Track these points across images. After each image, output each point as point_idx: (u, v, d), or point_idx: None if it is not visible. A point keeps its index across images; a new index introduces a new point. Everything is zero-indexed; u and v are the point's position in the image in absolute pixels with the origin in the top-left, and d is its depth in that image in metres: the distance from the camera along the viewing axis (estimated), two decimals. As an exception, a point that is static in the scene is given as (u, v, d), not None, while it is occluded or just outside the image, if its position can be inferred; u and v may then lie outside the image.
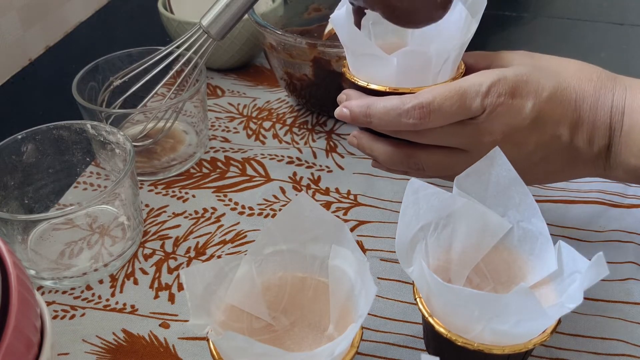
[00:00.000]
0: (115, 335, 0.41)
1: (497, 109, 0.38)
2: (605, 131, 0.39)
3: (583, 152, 0.40)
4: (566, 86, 0.39)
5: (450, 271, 0.39)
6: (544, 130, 0.39)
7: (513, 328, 0.32)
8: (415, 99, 0.38)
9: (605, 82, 0.40)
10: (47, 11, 0.76)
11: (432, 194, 0.37)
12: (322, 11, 0.69)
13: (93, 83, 0.55)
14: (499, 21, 0.81)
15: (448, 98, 0.38)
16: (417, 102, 0.38)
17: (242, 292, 0.36)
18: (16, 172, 0.47)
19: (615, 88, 0.40)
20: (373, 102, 0.40)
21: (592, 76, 0.40)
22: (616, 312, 0.42)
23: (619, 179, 0.41)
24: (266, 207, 0.52)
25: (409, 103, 0.38)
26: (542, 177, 0.41)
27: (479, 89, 0.38)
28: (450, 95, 0.38)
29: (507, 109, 0.38)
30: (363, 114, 0.40)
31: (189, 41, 0.54)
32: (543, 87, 0.39)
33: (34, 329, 0.28)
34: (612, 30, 0.80)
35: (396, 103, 0.39)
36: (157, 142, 0.56)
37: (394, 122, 0.39)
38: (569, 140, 0.39)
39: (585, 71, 0.40)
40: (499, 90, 0.38)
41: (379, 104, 0.40)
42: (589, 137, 0.39)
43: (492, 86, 0.38)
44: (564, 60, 0.42)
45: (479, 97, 0.38)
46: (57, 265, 0.46)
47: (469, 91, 0.38)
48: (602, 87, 0.40)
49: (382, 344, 0.41)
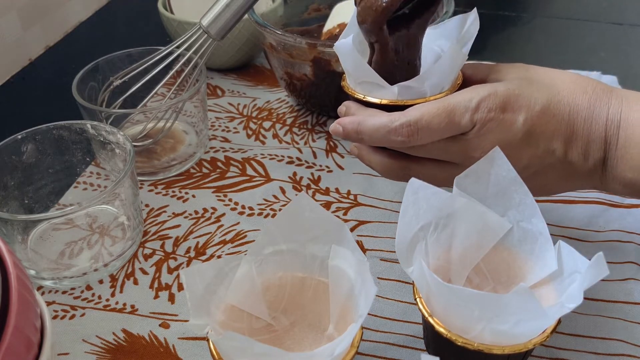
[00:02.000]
0: (115, 335, 0.41)
1: (488, 124, 0.38)
2: (600, 145, 0.39)
3: (578, 166, 0.39)
4: (560, 99, 0.39)
5: (450, 271, 0.39)
6: (536, 145, 0.39)
7: (513, 328, 0.32)
8: (404, 116, 0.39)
9: (600, 95, 0.39)
10: (47, 11, 0.76)
11: (432, 194, 0.37)
12: (322, 11, 0.69)
13: (93, 83, 0.55)
14: (499, 21, 0.81)
15: (436, 115, 0.38)
16: (405, 120, 0.39)
17: (242, 292, 0.36)
18: (16, 172, 0.47)
19: (611, 101, 0.39)
20: (363, 119, 0.41)
21: (587, 89, 0.40)
22: (616, 312, 0.42)
23: (616, 193, 0.41)
24: (266, 207, 0.52)
25: (397, 121, 0.39)
26: (537, 191, 0.40)
27: (469, 104, 0.38)
28: (438, 113, 0.38)
29: (498, 124, 0.38)
30: (354, 130, 0.41)
31: (189, 41, 0.54)
32: (535, 100, 0.38)
33: (34, 329, 0.28)
34: (612, 30, 0.80)
35: (385, 121, 0.39)
36: (157, 142, 0.56)
37: (383, 140, 0.40)
38: (563, 154, 0.39)
39: (579, 84, 0.40)
40: (489, 105, 0.38)
41: (369, 122, 0.40)
42: (584, 151, 0.39)
43: (482, 101, 0.38)
44: (558, 73, 0.41)
45: (469, 112, 0.38)
46: (57, 265, 0.46)
47: (457, 107, 0.38)
48: (597, 100, 0.39)
49: (382, 344, 0.41)
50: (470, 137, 0.39)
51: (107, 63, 0.57)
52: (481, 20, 0.41)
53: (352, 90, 0.43)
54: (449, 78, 0.41)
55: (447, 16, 0.56)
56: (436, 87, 0.41)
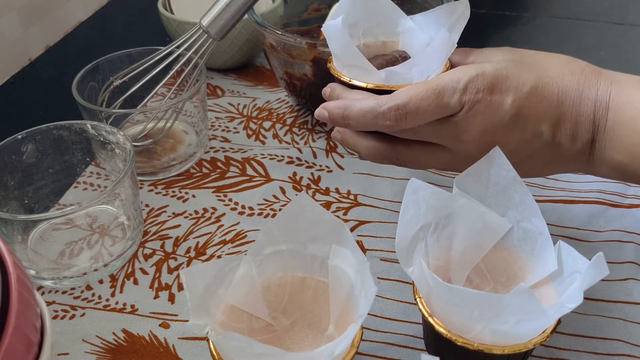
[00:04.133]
0: (115, 335, 0.41)
1: (476, 105, 0.38)
2: (588, 127, 0.38)
3: (566, 148, 0.39)
4: (548, 81, 0.38)
5: (450, 271, 0.39)
6: (524, 127, 0.38)
7: (513, 328, 0.32)
8: (392, 100, 0.38)
9: (590, 77, 0.39)
10: (47, 11, 0.76)
11: (432, 194, 0.37)
12: (322, 11, 0.69)
13: (93, 83, 0.55)
14: (499, 21, 0.81)
15: (424, 98, 0.38)
16: (394, 103, 0.38)
17: (242, 292, 0.36)
18: (16, 172, 0.47)
19: (600, 83, 0.39)
20: (350, 104, 0.40)
21: (576, 70, 0.39)
22: (616, 312, 0.42)
23: (603, 176, 0.41)
24: (266, 207, 0.52)
25: (385, 105, 0.38)
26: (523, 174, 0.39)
27: (457, 85, 0.38)
28: (426, 95, 0.38)
29: (486, 105, 0.38)
30: (340, 115, 0.40)
31: (189, 41, 0.54)
32: (524, 82, 0.38)
33: (34, 329, 0.28)
34: (612, 30, 0.80)
35: (372, 105, 0.39)
36: (157, 142, 0.56)
37: (371, 124, 0.39)
38: (551, 137, 0.39)
39: (569, 65, 0.40)
40: (477, 86, 0.37)
41: (356, 106, 0.39)
42: (572, 133, 0.39)
43: (470, 82, 0.38)
44: (548, 55, 0.41)
45: (457, 93, 0.38)
46: (57, 265, 0.46)
47: (446, 89, 0.38)
48: (586, 81, 0.39)
49: (382, 344, 0.41)
50: (459, 118, 0.38)
51: (107, 63, 0.57)
52: (481, 20, 0.41)
53: (338, 72, 0.43)
54: (437, 65, 0.41)
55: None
56: (423, 74, 0.41)
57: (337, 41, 0.41)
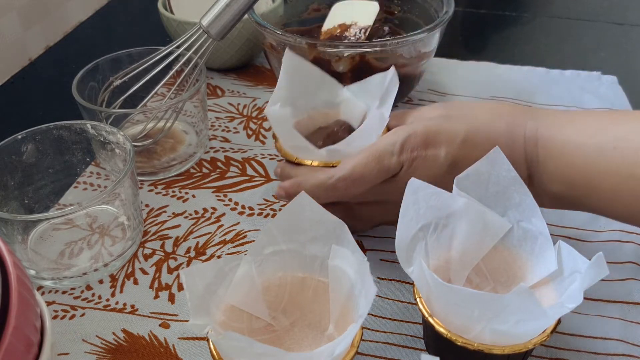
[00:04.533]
0: (115, 335, 0.41)
1: (414, 162, 0.41)
2: (523, 164, 0.41)
3: None
4: (478, 128, 0.41)
5: (450, 271, 0.39)
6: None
7: (513, 328, 0.32)
8: (339, 171, 0.42)
9: (517, 117, 0.42)
10: (47, 11, 0.76)
11: (432, 194, 0.37)
12: (322, 11, 0.69)
13: (93, 83, 0.55)
14: (499, 21, 0.81)
15: (366, 165, 0.41)
16: (341, 174, 0.42)
17: (242, 292, 0.36)
18: (16, 172, 0.47)
19: (527, 122, 0.41)
20: (302, 181, 0.44)
21: (503, 113, 0.42)
22: (616, 312, 0.42)
23: (547, 207, 0.42)
24: (266, 207, 0.52)
25: (333, 177, 0.42)
26: None
27: (393, 148, 0.41)
28: (368, 162, 0.41)
29: (423, 160, 0.41)
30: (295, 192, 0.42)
31: (189, 41, 0.54)
32: (456, 133, 0.41)
33: (34, 329, 0.28)
34: (612, 30, 0.80)
35: (322, 179, 0.42)
36: (157, 142, 0.56)
37: (324, 196, 0.42)
38: None
39: (496, 111, 0.43)
40: (411, 145, 0.41)
41: (309, 182, 0.43)
42: None
43: (405, 143, 0.41)
44: (476, 105, 0.44)
45: (395, 155, 0.41)
46: (57, 265, 0.46)
47: (384, 153, 0.41)
48: (514, 122, 0.41)
49: (382, 344, 0.41)
50: (401, 176, 0.41)
51: (107, 63, 0.57)
52: (481, 20, 0.41)
53: (285, 152, 0.47)
54: (372, 140, 0.44)
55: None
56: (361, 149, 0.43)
57: (280, 126, 0.46)
